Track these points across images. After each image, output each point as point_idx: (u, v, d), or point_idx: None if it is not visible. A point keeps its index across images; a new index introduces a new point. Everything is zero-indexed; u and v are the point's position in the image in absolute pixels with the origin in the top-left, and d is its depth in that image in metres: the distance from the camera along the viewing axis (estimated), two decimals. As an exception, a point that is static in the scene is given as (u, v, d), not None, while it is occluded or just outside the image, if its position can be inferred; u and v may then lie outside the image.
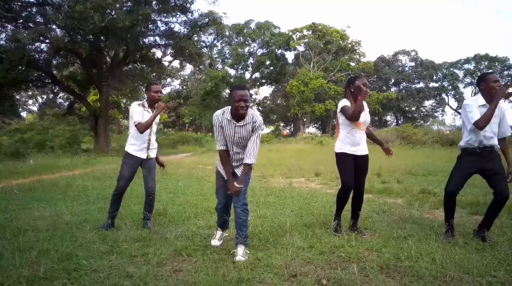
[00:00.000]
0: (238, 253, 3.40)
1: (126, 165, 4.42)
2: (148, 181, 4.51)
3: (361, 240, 3.93)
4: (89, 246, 3.66)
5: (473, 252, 3.52)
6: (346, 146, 4.21)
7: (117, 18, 17.47)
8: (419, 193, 6.97)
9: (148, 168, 4.50)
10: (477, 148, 3.90)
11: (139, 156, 4.43)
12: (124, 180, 4.40)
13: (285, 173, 10.99)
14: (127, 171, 4.40)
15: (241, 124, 3.44)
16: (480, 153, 3.90)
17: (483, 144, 3.88)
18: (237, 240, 3.50)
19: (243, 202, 3.54)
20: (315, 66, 42.46)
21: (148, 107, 4.42)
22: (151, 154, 4.50)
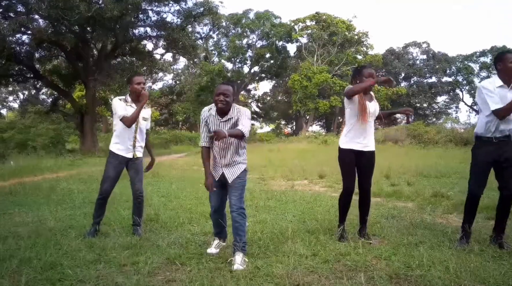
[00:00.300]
0: (236, 261, 3.41)
1: (110, 165, 4.40)
2: (136, 183, 4.49)
3: (369, 247, 3.93)
4: (74, 255, 3.66)
5: (490, 260, 3.52)
6: (351, 140, 4.23)
7: (104, 7, 17.43)
8: (431, 197, 6.98)
9: (135, 168, 4.48)
10: (493, 137, 3.90)
11: (124, 155, 4.41)
12: (108, 182, 4.38)
13: (286, 175, 11.01)
14: (111, 172, 4.38)
15: (225, 119, 3.60)
16: (496, 143, 3.90)
17: (500, 132, 3.87)
18: (235, 247, 3.53)
19: (239, 205, 3.63)
20: (319, 59, 42.46)
21: (131, 101, 4.41)
22: (138, 154, 4.48)
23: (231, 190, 3.70)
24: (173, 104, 50.17)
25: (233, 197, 3.66)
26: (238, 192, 3.67)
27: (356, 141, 4.21)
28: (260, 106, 55.46)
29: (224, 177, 3.68)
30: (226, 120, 3.60)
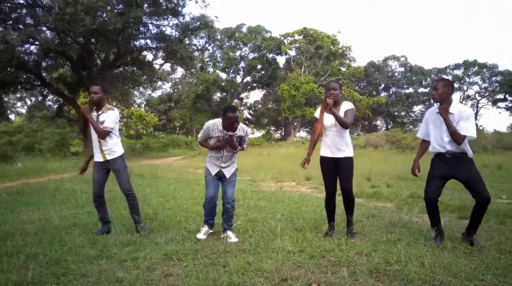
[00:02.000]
0: (230, 236, 4.18)
1: (93, 170, 4.47)
2: (121, 184, 4.44)
3: (351, 244, 3.95)
4: (78, 251, 3.63)
5: (462, 256, 3.56)
6: (325, 149, 4.30)
7: (108, 20, 17.36)
8: (408, 198, 7.04)
9: (116, 170, 4.42)
10: (446, 153, 3.95)
11: (96, 159, 4.43)
12: (94, 184, 4.42)
13: (276, 177, 11.01)
14: (95, 175, 4.44)
15: (231, 133, 4.22)
16: (449, 158, 3.94)
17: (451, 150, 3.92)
18: (226, 227, 4.28)
19: (233, 198, 4.35)
20: (306, 70, 42.62)
21: (94, 109, 4.42)
22: (108, 156, 4.37)
23: (227, 185, 4.35)
24: (171, 110, 49.96)
25: (229, 192, 4.33)
26: (233, 188, 4.39)
27: (330, 150, 4.25)
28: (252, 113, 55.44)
29: (221, 173, 4.32)
30: (233, 134, 4.24)
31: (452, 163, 3.93)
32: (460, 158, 3.92)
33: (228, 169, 4.36)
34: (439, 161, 4.02)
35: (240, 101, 53.58)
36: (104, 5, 17.18)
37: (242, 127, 4.32)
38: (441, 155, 4.00)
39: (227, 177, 4.33)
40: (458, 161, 3.92)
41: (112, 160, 4.38)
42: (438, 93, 3.93)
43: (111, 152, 4.38)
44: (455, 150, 3.91)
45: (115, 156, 4.39)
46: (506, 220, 5.15)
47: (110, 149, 4.37)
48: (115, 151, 4.40)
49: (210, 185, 4.33)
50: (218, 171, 4.32)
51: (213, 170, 4.33)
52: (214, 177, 4.33)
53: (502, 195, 7.45)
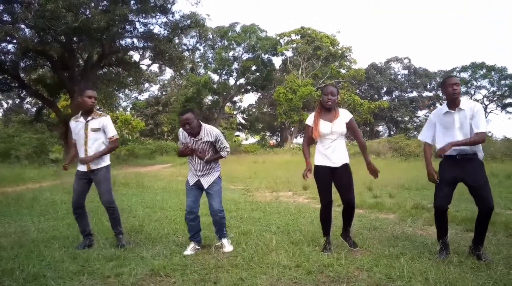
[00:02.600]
0: (225, 245, 4.27)
1: (75, 179, 4.47)
2: (102, 195, 4.43)
3: (351, 258, 3.96)
4: (57, 266, 3.61)
5: (468, 271, 3.58)
6: (321, 157, 4.30)
7: (91, 18, 17.37)
8: (412, 209, 7.06)
9: (97, 181, 4.42)
10: (456, 155, 3.99)
11: (80, 169, 4.43)
12: (74, 194, 4.42)
13: (271, 186, 11.03)
14: (75, 185, 4.45)
15: (197, 139, 4.22)
16: (459, 160, 3.99)
17: (463, 150, 3.96)
18: (220, 235, 4.37)
19: (219, 209, 4.30)
20: (304, 72, 42.87)
21: (80, 115, 4.42)
22: (92, 166, 4.38)
23: (210, 197, 4.31)
24: (159, 114, 49.93)
25: (213, 203, 4.28)
26: (218, 198, 4.32)
27: (326, 158, 4.26)
28: (246, 118, 55.52)
29: (199, 183, 4.30)
30: (198, 140, 4.22)
31: (463, 166, 3.98)
32: (471, 160, 3.98)
33: (205, 178, 4.30)
34: (449, 165, 4.05)
35: (233, 104, 53.68)
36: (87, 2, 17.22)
37: (209, 131, 4.22)
38: (451, 157, 4.03)
39: (205, 187, 4.29)
40: (469, 163, 3.98)
41: (96, 170, 4.39)
42: (459, 90, 3.99)
43: (96, 162, 4.39)
44: (467, 151, 3.96)
45: (100, 166, 4.40)
46: (516, 233, 5.19)
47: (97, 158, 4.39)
48: (101, 160, 4.42)
49: (188, 195, 4.35)
50: (196, 180, 4.31)
51: (191, 180, 4.35)
52: (193, 187, 4.33)
53: (511, 206, 7.50)
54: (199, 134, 4.19)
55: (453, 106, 4.00)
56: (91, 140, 4.39)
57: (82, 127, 4.37)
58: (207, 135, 4.20)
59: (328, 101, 4.22)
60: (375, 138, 42.15)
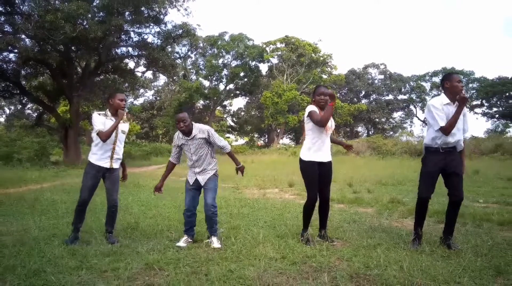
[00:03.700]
0: (214, 242, 4.16)
1: (88, 175, 4.33)
2: (112, 194, 4.42)
3: (332, 249, 3.99)
4: (57, 262, 3.56)
5: (439, 259, 3.63)
6: (313, 153, 4.27)
7: (88, 28, 17.18)
8: (388, 203, 7.14)
9: (112, 179, 4.41)
10: (440, 147, 4.04)
11: (101, 165, 4.34)
12: (86, 191, 4.31)
13: (259, 184, 11.04)
14: (89, 181, 4.31)
15: (191, 137, 4.27)
16: (443, 152, 4.04)
17: (447, 144, 4.02)
18: (210, 232, 4.29)
19: (213, 205, 4.28)
20: (288, 78, 43.00)
21: (111, 115, 4.36)
22: (114, 164, 4.40)
23: (206, 193, 4.31)
24: (154, 118, 49.63)
25: (208, 199, 4.27)
26: (212, 194, 4.31)
27: (318, 153, 4.27)
28: (235, 121, 55.47)
29: (198, 182, 4.32)
30: (192, 138, 4.29)
31: (445, 157, 4.04)
32: (452, 152, 4.06)
33: (202, 175, 4.33)
34: (433, 157, 4.09)
35: (223, 108, 53.62)
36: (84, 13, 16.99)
37: (200, 129, 4.30)
38: (435, 150, 4.08)
39: (202, 184, 4.31)
40: (450, 155, 4.05)
41: (116, 169, 4.44)
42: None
43: (118, 162, 4.47)
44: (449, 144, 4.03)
45: (118, 167, 4.48)
46: (482, 224, 5.28)
47: (119, 158, 4.46)
48: (119, 161, 4.49)
49: (187, 195, 4.39)
50: (195, 179, 4.35)
51: (191, 179, 4.38)
52: (192, 187, 4.35)
53: (479, 199, 7.63)
54: (192, 132, 4.25)
55: (454, 101, 4.04)
56: (119, 141, 4.43)
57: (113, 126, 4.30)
58: (199, 133, 4.27)
59: (321, 102, 4.23)
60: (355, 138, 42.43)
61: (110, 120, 4.31)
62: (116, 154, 4.40)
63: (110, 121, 4.30)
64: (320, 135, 4.26)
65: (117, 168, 4.46)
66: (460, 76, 4.17)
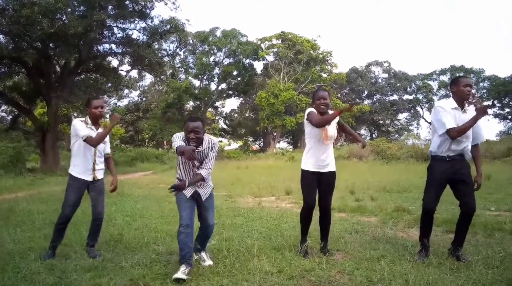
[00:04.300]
0: (204, 258, 4.04)
1: (71, 189, 4.30)
2: (97, 205, 4.40)
3: (333, 262, 4.00)
4: (34, 278, 3.54)
5: (448, 272, 3.65)
6: (311, 162, 4.31)
7: (68, 23, 17.14)
8: (393, 211, 7.16)
9: (97, 191, 4.40)
10: (446, 156, 4.08)
11: (84, 178, 4.32)
12: (70, 207, 4.27)
13: (254, 192, 11.02)
14: (73, 196, 4.27)
15: (199, 149, 3.82)
16: (449, 161, 4.08)
17: (453, 151, 4.05)
18: (199, 247, 4.05)
19: (213, 224, 4.12)
20: (285, 77, 43.13)
21: (91, 124, 4.34)
22: (98, 175, 4.40)
23: (207, 210, 4.00)
24: (139, 121, 49.52)
25: (210, 217, 4.03)
26: (213, 212, 4.09)
27: (316, 162, 4.29)
28: (228, 123, 55.46)
29: (197, 194, 3.90)
30: (201, 151, 3.83)
31: (452, 166, 4.07)
32: (460, 161, 4.09)
33: (203, 188, 3.93)
34: (439, 166, 4.13)
35: (215, 110, 53.58)
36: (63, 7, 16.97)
37: (211, 141, 3.89)
38: (441, 158, 4.11)
39: (204, 198, 3.91)
40: (458, 164, 4.08)
41: (100, 180, 4.43)
42: (472, 92, 4.09)
43: (100, 172, 4.45)
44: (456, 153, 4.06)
45: (102, 177, 4.46)
46: (494, 233, 5.31)
47: (102, 168, 4.47)
48: (103, 172, 4.49)
49: (184, 207, 3.79)
50: (194, 192, 3.87)
51: (188, 192, 3.84)
52: (190, 198, 3.86)
53: (490, 207, 7.66)
54: (201, 145, 3.83)
55: (462, 106, 4.08)
56: (99, 151, 4.42)
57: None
58: (209, 146, 3.87)
59: (321, 105, 4.26)
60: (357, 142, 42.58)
61: (90, 129, 4.29)
62: (97, 165, 4.40)
63: (91, 131, 4.27)
64: (316, 142, 4.29)
65: (101, 178, 4.45)
66: (470, 80, 4.17)
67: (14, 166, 20.19)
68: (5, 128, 27.67)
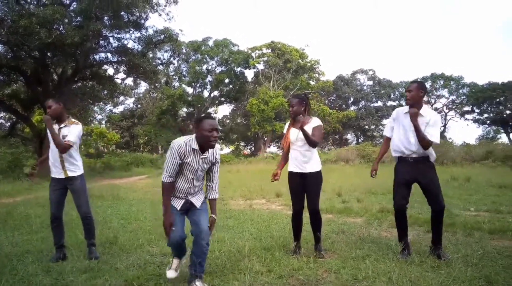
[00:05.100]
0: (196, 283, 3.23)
1: (50, 189, 4.33)
2: (80, 205, 4.34)
3: (320, 261, 4.01)
4: (31, 280, 3.51)
5: (429, 270, 3.68)
6: (292, 163, 4.38)
7: (65, 33, 17.03)
8: (378, 212, 7.20)
9: (75, 190, 4.32)
10: (409, 157, 4.15)
11: (56, 176, 4.30)
12: (52, 205, 4.28)
13: (245, 194, 11.01)
14: (52, 195, 4.29)
15: (205, 155, 3.36)
16: (411, 162, 4.14)
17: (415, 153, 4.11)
18: (195, 272, 3.26)
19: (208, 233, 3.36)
20: (275, 84, 43.22)
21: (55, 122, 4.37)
22: (69, 173, 4.28)
23: (200, 215, 3.40)
24: (134, 127, 49.24)
25: (203, 224, 3.34)
26: (207, 218, 3.42)
27: (296, 164, 4.33)
28: (220, 129, 55.33)
29: (188, 204, 3.44)
30: (206, 157, 3.38)
31: (415, 167, 4.12)
32: (423, 162, 4.13)
33: (195, 196, 3.49)
34: (402, 167, 4.21)
35: (207, 116, 53.52)
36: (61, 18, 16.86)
37: (217, 149, 3.47)
38: (404, 159, 4.18)
39: (198, 206, 3.46)
40: (420, 165, 4.12)
41: (73, 178, 4.30)
42: (412, 95, 4.14)
43: (73, 169, 4.30)
44: (419, 154, 4.10)
45: (76, 174, 4.31)
46: (473, 232, 5.35)
47: (72, 165, 4.31)
48: (77, 168, 4.34)
49: (175, 222, 3.28)
50: (183, 203, 3.43)
51: (177, 204, 3.40)
52: (180, 211, 3.40)
53: (470, 207, 7.74)
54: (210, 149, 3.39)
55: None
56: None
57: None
58: (214, 153, 3.44)
59: (291, 113, 4.29)
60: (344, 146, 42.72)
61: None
62: (66, 162, 4.27)
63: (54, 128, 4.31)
64: (295, 147, 4.36)
65: (76, 176, 4.31)
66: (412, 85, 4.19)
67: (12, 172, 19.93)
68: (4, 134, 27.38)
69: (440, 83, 49.88)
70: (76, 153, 4.34)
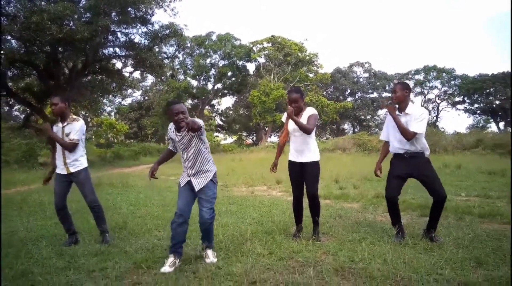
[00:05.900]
0: (209, 256, 3.57)
1: (56, 181, 4.33)
2: (86, 196, 4.33)
3: (319, 244, 4.01)
4: (45, 262, 3.52)
5: (422, 252, 3.68)
6: (291, 153, 4.37)
7: (75, 29, 16.97)
8: (373, 198, 7.19)
9: (79, 183, 4.31)
10: (404, 153, 4.12)
11: (59, 172, 4.30)
12: (56, 196, 4.28)
13: (247, 182, 11.01)
14: (56, 187, 4.29)
15: (181, 134, 3.60)
16: (407, 158, 4.11)
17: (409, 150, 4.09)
18: (205, 244, 3.65)
19: (209, 217, 3.57)
20: (276, 77, 43.01)
21: (58, 121, 4.34)
22: (71, 169, 4.25)
23: (202, 202, 3.55)
24: (142, 118, 49.23)
25: (204, 212, 3.52)
26: (210, 205, 3.55)
27: (295, 153, 4.31)
28: (223, 120, 55.33)
29: (191, 184, 3.57)
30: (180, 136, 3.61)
31: (410, 163, 4.08)
32: (417, 157, 4.09)
33: (196, 178, 3.56)
34: (397, 161, 4.18)
35: (211, 107, 53.44)
36: (71, 14, 16.77)
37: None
38: (400, 155, 4.15)
39: (196, 189, 3.54)
40: (416, 160, 4.08)
41: (76, 172, 4.26)
42: (397, 95, 4.12)
43: (75, 165, 4.26)
44: (413, 150, 4.07)
45: (78, 169, 4.27)
46: (464, 216, 5.36)
47: (74, 161, 4.26)
48: (79, 163, 4.29)
49: (180, 196, 3.57)
50: (188, 180, 3.59)
51: (182, 180, 3.64)
52: (185, 187, 3.59)
53: (461, 193, 7.73)
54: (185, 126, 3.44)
55: (400, 109, 4.15)
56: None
57: (59, 132, 4.25)
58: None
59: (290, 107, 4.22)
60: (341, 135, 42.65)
61: (58, 127, 4.31)
62: (68, 159, 4.25)
63: (58, 128, 4.29)
64: (292, 137, 4.33)
65: (79, 171, 4.27)
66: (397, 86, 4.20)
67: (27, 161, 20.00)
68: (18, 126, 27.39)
69: (433, 75, 49.56)
70: (78, 149, 4.29)
